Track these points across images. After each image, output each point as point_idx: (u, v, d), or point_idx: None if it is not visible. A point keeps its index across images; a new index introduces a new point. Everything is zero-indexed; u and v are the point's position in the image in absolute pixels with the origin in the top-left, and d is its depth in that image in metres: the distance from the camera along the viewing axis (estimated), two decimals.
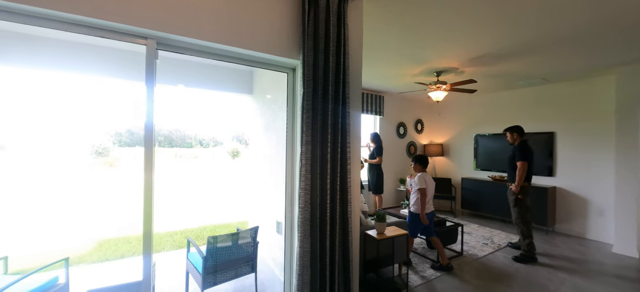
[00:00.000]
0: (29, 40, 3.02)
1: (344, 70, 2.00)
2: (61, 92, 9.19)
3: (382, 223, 2.57)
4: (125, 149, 20.57)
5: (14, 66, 3.08)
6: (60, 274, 2.35)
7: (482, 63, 3.83)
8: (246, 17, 1.80)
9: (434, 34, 2.95)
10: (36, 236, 4.54)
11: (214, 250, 2.55)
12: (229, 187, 10.77)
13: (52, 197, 7.21)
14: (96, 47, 3.30)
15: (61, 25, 1.40)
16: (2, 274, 2.33)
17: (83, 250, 4.02)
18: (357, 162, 2.21)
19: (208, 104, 21.06)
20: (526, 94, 5.22)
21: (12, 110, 5.68)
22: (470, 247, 3.94)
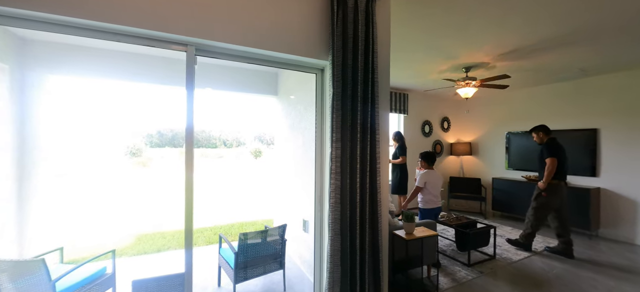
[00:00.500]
0: (76, 50, 3.31)
1: (372, 69, 2.00)
2: (101, 97, 9.92)
3: (411, 223, 2.53)
4: (156, 150, 21.78)
5: (65, 75, 3.39)
6: (107, 264, 2.56)
7: (516, 57, 3.63)
8: (277, 20, 1.85)
9: (465, 28, 2.85)
10: (82, 230, 4.95)
11: (244, 246, 2.65)
12: (252, 185, 11.06)
13: (95, 194, 7.82)
14: (129, 55, 3.54)
15: (112, 37, 1.53)
16: (58, 262, 2.58)
17: (124, 244, 4.33)
18: (386, 161, 2.20)
19: (231, 105, 21.72)
20: (563, 88, 4.87)
21: (63, 115, 6.22)
22: (504, 251, 3.75)
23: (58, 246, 2.61)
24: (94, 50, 3.38)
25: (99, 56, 3.42)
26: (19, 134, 2.97)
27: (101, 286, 2.44)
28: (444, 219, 3.63)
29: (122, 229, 5.10)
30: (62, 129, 7.31)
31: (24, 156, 3.01)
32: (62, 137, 7.64)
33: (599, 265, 3.38)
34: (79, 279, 2.28)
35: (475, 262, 3.34)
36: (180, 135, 23.70)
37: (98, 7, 1.42)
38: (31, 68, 3.08)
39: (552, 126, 4.99)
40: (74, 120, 6.50)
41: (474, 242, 3.39)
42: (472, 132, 6.44)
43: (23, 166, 3.00)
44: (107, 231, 5.03)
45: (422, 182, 3.38)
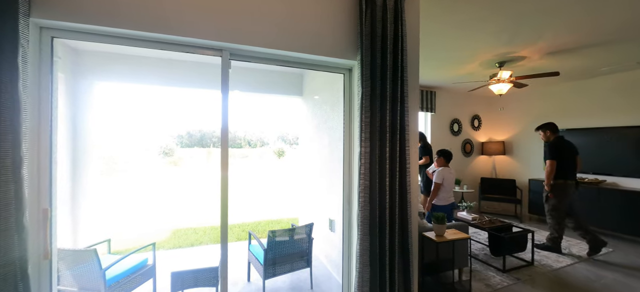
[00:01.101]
0: (119, 59, 3.59)
1: (401, 67, 1.96)
2: (139, 101, 10.66)
3: (442, 225, 2.45)
4: (185, 150, 22.95)
5: (111, 82, 3.69)
6: (148, 256, 2.75)
7: (565, 52, 3.37)
8: (307, 23, 1.88)
9: (504, 22, 2.70)
10: (124, 223, 5.35)
11: (273, 243, 2.72)
12: (276, 184, 11.29)
13: (135, 190, 8.41)
14: (164, 61, 3.77)
15: (157, 45, 1.64)
16: (106, 253, 2.81)
17: (161, 238, 4.62)
18: (416, 161, 2.15)
19: (255, 107, 22.37)
20: (613, 82, 4.45)
21: (108, 118, 6.77)
22: (543, 257, 3.51)
23: (105, 238, 2.85)
24: (134, 58, 3.65)
25: (138, 64, 3.69)
26: (72, 135, 3.28)
27: (143, 276, 2.63)
28: (476, 221, 3.47)
29: (159, 224, 5.44)
30: (107, 131, 7.95)
31: (76, 155, 3.31)
32: (107, 139, 8.31)
33: None
34: (125, 269, 2.48)
35: (511, 268, 3.16)
36: (207, 136, 24.82)
37: (145, 19, 1.53)
38: (83, 76, 3.39)
39: (600, 123, 4.59)
40: (117, 122, 7.05)
41: (509, 246, 3.21)
42: (506, 131, 6.09)
43: (75, 164, 3.31)
44: (145, 225, 5.40)
45: (440, 178, 3.40)
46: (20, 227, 1.27)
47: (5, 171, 1.24)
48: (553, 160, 3.53)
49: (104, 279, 2.23)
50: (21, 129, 1.29)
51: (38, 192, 1.44)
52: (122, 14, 1.49)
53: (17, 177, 1.27)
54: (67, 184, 3.20)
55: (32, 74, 1.41)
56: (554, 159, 3.53)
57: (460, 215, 3.78)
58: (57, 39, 1.52)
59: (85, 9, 1.44)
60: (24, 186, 1.29)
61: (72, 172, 3.29)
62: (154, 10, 1.55)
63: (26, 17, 1.33)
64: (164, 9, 1.57)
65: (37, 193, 1.43)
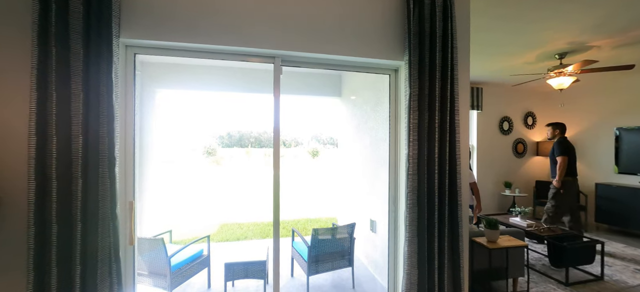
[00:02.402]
0: (175, 68, 3.98)
1: (451, 66, 1.90)
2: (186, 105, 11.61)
3: (495, 231, 2.32)
4: (226, 150, 24.40)
5: (169, 89, 4.11)
6: (203, 247, 3.01)
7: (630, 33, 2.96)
8: (353, 25, 1.92)
9: (564, 5, 2.46)
10: (180, 217, 5.90)
11: (317, 241, 2.81)
12: (312, 184, 11.48)
13: (188, 187, 9.19)
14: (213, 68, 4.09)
15: (215, 56, 1.81)
16: (168, 242, 3.14)
17: (211, 231, 5.02)
18: (466, 162, 2.07)
19: (292, 107, 23.01)
20: None
21: (167, 122, 7.56)
22: (615, 272, 3.11)
23: (167, 229, 3.18)
24: (190, 67, 4.02)
25: (191, 72, 4.06)
26: (138, 137, 3.71)
27: (200, 265, 2.89)
28: (533, 228, 3.20)
29: (209, 218, 5.91)
30: (164, 133, 8.84)
31: (141, 155, 3.75)
32: (164, 140, 9.24)
33: None
34: (185, 258, 2.75)
35: (576, 282, 2.86)
36: (245, 136, 26.16)
37: (212, 33, 1.70)
38: (147, 85, 3.82)
39: None
40: (170, 125, 7.78)
41: (573, 258, 2.90)
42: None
43: (141, 163, 3.75)
44: (197, 219, 5.89)
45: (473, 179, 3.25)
46: (114, 216, 1.50)
47: (103, 169, 1.48)
48: (565, 156, 3.74)
49: (169, 265, 2.50)
50: (115, 134, 1.52)
51: (125, 188, 1.68)
52: (192, 30, 1.68)
53: (111, 174, 1.50)
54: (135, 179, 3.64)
55: (120, 86, 1.65)
56: (565, 155, 3.74)
57: (513, 221, 3.52)
58: (138, 55, 1.76)
59: (162, 28, 1.65)
60: (116, 182, 1.52)
61: (139, 170, 3.73)
62: (218, 24, 1.71)
63: (117, 39, 1.56)
64: (227, 23, 1.72)
65: (124, 188, 1.67)
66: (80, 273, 1.44)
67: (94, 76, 1.49)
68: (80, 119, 1.45)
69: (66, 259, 1.41)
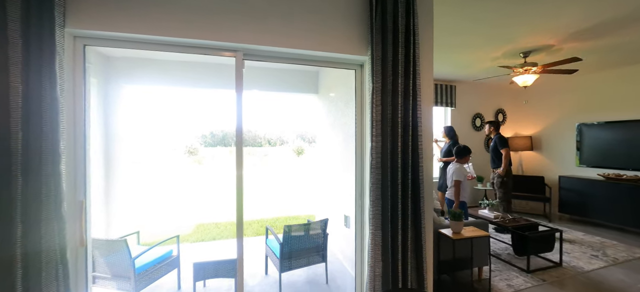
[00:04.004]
0: (145, 63, 3.82)
1: (414, 61, 1.94)
2: (165, 103, 11.23)
3: (459, 222, 2.39)
4: (209, 149, 23.86)
5: (138, 85, 3.95)
6: (173, 248, 2.92)
7: (592, 36, 3.14)
8: (318, 20, 1.91)
9: (524, 7, 2.56)
10: (151, 218, 5.70)
11: (289, 238, 2.79)
12: (295, 182, 11.44)
13: (162, 187, 8.90)
14: (187, 64, 3.96)
15: (174, 48, 1.74)
16: (136, 243, 3.03)
17: (185, 231, 4.88)
18: (429, 157, 2.11)
19: (275, 106, 22.81)
20: None
21: (136, 120, 7.25)
22: (573, 259, 3.31)
23: (135, 230, 3.06)
24: (160, 62, 3.87)
25: (162, 67, 3.91)
26: (105, 135, 3.54)
27: (168, 266, 2.80)
28: (499, 219, 3.34)
29: (184, 218, 5.75)
30: (138, 131, 8.46)
31: (109, 153, 3.58)
32: (138, 139, 8.84)
33: None
34: (152, 259, 2.65)
35: (536, 269, 3.01)
36: (229, 135, 25.70)
37: (167, 25, 1.63)
38: (113, 80, 3.65)
39: (638, 115, 4.23)
40: (147, 124, 7.49)
41: (534, 246, 3.06)
42: (533, 125, 5.76)
43: (108, 162, 3.58)
44: (172, 219, 5.72)
45: (462, 176, 3.34)
46: (59, 217, 1.42)
47: (47, 167, 1.39)
48: (508, 148, 4.26)
49: (133, 267, 2.41)
50: (59, 129, 1.43)
51: (75, 186, 1.59)
52: (146, 21, 1.61)
53: (56, 172, 1.41)
54: (101, 180, 3.47)
55: (67, 79, 1.56)
56: (508, 148, 4.27)
57: (481, 213, 3.66)
58: (89, 47, 1.66)
59: (114, 18, 1.57)
60: (62, 180, 1.43)
61: (106, 169, 3.56)
62: (175, 15, 1.65)
63: (62, 28, 1.47)
64: (184, 14, 1.66)
65: (74, 187, 1.59)
66: (21, 278, 1.35)
67: (35, 68, 1.40)
68: (19, 113, 1.36)
69: (5, 263, 1.32)
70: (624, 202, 4.09)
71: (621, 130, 4.39)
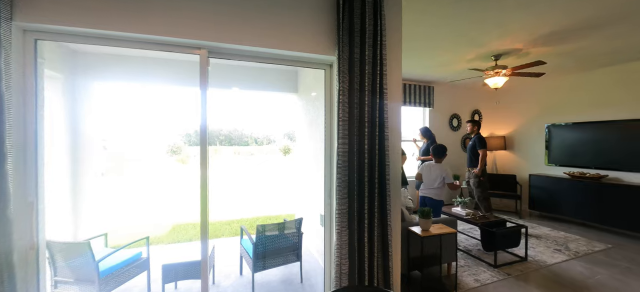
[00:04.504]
0: (119, 59, 3.68)
1: (381, 62, 1.97)
2: (146, 101, 10.89)
3: (427, 220, 2.46)
4: (193, 148, 23.34)
5: (110, 82, 3.80)
6: (144, 250, 2.84)
7: (556, 41, 3.29)
8: (285, 19, 1.90)
9: (492, 11, 2.65)
10: (127, 219, 5.52)
11: (262, 238, 2.78)
12: (279, 181, 11.38)
13: (138, 188, 8.63)
14: (165, 61, 3.85)
15: (132, 44, 1.70)
16: (103, 246, 2.92)
17: (160, 232, 4.76)
18: (396, 155, 2.16)
19: (262, 105, 22.62)
20: (617, 73, 4.31)
21: (112, 118, 6.98)
22: (538, 253, 3.47)
23: (103, 232, 2.95)
24: (134, 58, 3.74)
25: (137, 64, 3.78)
26: (72, 133, 3.39)
27: (137, 268, 2.72)
28: (470, 216, 3.45)
29: (160, 219, 5.60)
30: (112, 130, 8.15)
31: (76, 152, 3.43)
32: (112, 138, 8.51)
33: None
34: (119, 262, 2.57)
35: (503, 264, 3.13)
36: (214, 133, 25.23)
37: (123, 20, 1.58)
38: (81, 76, 3.50)
39: (599, 117, 4.49)
40: (123, 122, 7.24)
41: (501, 242, 3.18)
42: (507, 125, 5.98)
43: (76, 161, 3.43)
44: (147, 220, 5.55)
45: (451, 176, 3.51)
46: (4, 220, 1.35)
47: None
48: (486, 149, 4.36)
49: (97, 271, 2.32)
50: (5, 127, 1.36)
51: (24, 187, 1.52)
52: (104, 15, 1.55)
53: (1, 172, 1.34)
54: (67, 180, 3.32)
55: (16, 75, 1.48)
56: (486, 148, 4.37)
57: (454, 210, 3.77)
58: (43, 41, 1.59)
59: (67, 11, 1.50)
60: (8, 181, 1.36)
61: (73, 169, 3.41)
62: (136, 11, 1.60)
63: (8, 21, 1.40)
64: (145, 9, 1.62)
65: (23, 187, 1.51)
66: None
67: None
68: None
69: None
70: (587, 199, 4.32)
71: (585, 131, 4.64)
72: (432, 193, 3.43)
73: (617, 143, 4.26)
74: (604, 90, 4.47)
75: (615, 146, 4.28)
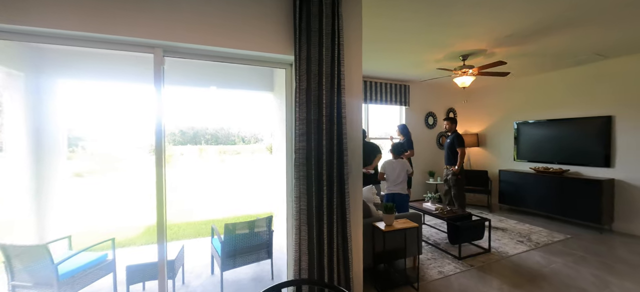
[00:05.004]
0: (85, 56, 3.58)
1: (338, 61, 2.02)
2: (126, 99, 10.61)
3: (390, 215, 2.54)
4: (178, 147, 22.80)
5: (75, 79, 3.68)
6: (112, 252, 2.79)
7: (516, 42, 3.44)
8: (242, 18, 1.92)
9: (452, 13, 2.75)
10: (101, 221, 5.38)
11: (231, 236, 2.79)
12: (264, 180, 11.32)
13: (119, 188, 8.38)
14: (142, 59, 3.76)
15: (82, 43, 1.67)
16: (67, 249, 2.85)
17: (133, 234, 4.67)
18: (357, 152, 2.22)
19: (248, 104, 22.43)
20: (578, 74, 4.56)
21: (88, 117, 6.79)
22: (502, 245, 3.64)
23: (66, 235, 2.88)
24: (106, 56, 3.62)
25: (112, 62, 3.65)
26: (35, 133, 3.28)
27: (102, 271, 2.67)
28: (438, 211, 3.58)
29: (134, 220, 5.49)
30: (88, 128, 7.89)
31: (40, 153, 3.32)
32: (89, 136, 8.24)
33: (604, 260, 3.20)
34: (81, 264, 2.52)
35: (468, 256, 3.27)
36: (200, 133, 24.83)
37: (68, 17, 1.56)
38: (45, 74, 3.38)
39: (562, 115, 4.73)
40: (100, 121, 6.99)
41: (466, 235, 3.32)
42: (480, 123, 6.20)
43: (41, 162, 3.32)
44: (122, 222, 5.43)
45: (381, 169, 3.67)
46: None
47: None
48: (464, 148, 4.33)
49: (56, 274, 2.27)
50: None
51: None
52: (49, 12, 1.52)
53: None
54: (31, 181, 3.21)
55: None
56: (464, 147, 4.34)
57: (425, 205, 3.89)
58: None
59: (10, 8, 1.47)
60: None
61: (37, 170, 3.30)
62: (84, 8, 1.58)
63: None
64: (95, 7, 1.60)
65: None
66: None
67: None
68: None
69: None
70: (550, 193, 4.56)
71: (549, 128, 4.88)
72: (399, 188, 3.53)
73: (577, 139, 4.51)
74: (565, 89, 4.71)
75: (575, 142, 4.53)
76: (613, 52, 3.90)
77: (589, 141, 4.36)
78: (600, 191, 3.98)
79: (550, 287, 2.64)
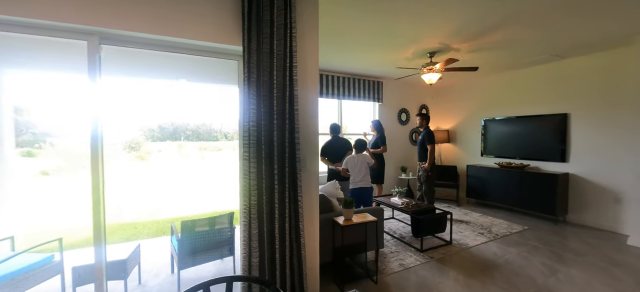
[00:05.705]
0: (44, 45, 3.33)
1: (291, 54, 1.99)
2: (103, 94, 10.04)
3: (349, 210, 2.55)
4: (156, 143, 21.99)
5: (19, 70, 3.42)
6: (59, 252, 2.63)
7: (472, 37, 3.52)
8: (190, 7, 1.84)
9: (410, 10, 2.78)
10: (58, 221, 5.09)
11: (189, 234, 2.71)
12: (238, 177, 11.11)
13: (75, 186, 7.96)
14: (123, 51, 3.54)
15: (5, 28, 1.54)
16: (10, 250, 2.67)
17: (89, 234, 4.45)
18: (312, 148, 2.20)
19: (227, 99, 21.92)
20: (539, 73, 4.77)
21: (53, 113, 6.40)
22: (463, 237, 3.77)
23: (8, 236, 2.70)
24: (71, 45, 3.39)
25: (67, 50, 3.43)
26: None
27: (47, 272, 2.52)
28: (403, 205, 3.64)
29: (88, 221, 5.24)
30: (56, 124, 7.43)
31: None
32: (59, 132, 7.76)
33: (554, 250, 3.38)
34: (22, 266, 2.36)
35: (429, 248, 3.36)
36: (180, 129, 24.04)
37: None
38: None
39: (524, 112, 4.94)
40: (75, 117, 6.57)
41: (428, 228, 3.40)
42: (451, 120, 6.38)
43: None
44: (82, 222, 5.17)
45: (344, 165, 3.65)
46: None
47: None
48: (434, 144, 4.40)
49: None
50: None
51: None
52: None
53: None
54: None
55: None
56: (434, 144, 4.41)
57: (392, 200, 3.95)
58: None
59: None
60: None
61: None
62: None
63: None
64: None
65: None
66: None
67: None
68: None
69: None
70: (512, 187, 4.77)
71: (513, 125, 5.09)
72: (363, 182, 3.54)
73: (537, 136, 4.73)
74: (530, 88, 4.91)
75: (536, 139, 4.75)
76: (570, 53, 4.10)
77: (548, 137, 4.58)
78: (555, 185, 4.20)
79: (501, 276, 2.75)
